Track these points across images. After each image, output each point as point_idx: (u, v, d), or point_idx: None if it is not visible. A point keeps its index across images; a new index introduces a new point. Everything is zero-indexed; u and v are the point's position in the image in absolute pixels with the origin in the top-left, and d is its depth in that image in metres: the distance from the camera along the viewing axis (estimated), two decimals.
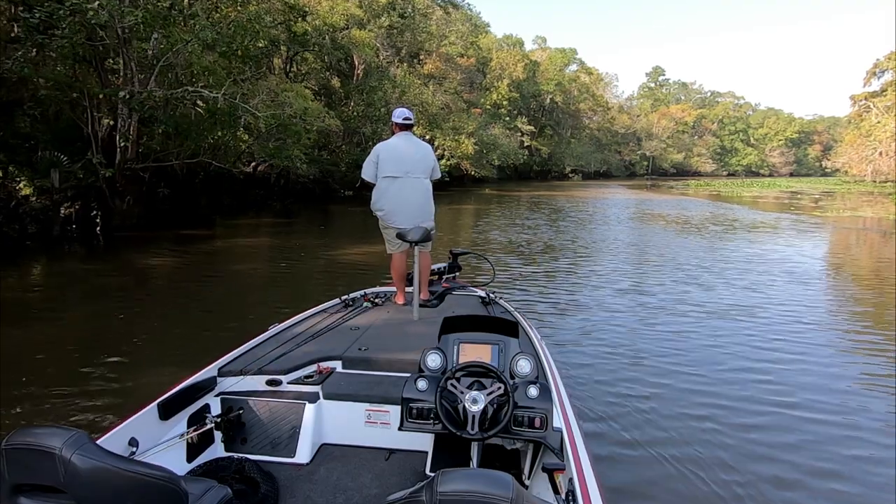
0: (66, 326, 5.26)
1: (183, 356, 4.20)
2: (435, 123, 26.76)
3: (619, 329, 5.33)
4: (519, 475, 2.09)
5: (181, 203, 13.38)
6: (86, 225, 11.19)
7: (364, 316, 3.29)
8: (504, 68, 45.66)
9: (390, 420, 2.30)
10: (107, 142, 10.99)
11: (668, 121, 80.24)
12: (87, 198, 11.27)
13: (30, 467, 1.13)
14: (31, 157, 10.65)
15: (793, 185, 48.69)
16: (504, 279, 7.36)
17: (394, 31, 29.16)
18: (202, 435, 2.17)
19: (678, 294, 6.84)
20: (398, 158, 3.57)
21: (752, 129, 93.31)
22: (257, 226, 14.41)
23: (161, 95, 9.46)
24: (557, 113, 55.91)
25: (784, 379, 4.12)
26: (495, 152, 35.85)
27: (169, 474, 1.26)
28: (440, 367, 2.09)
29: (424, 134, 26.98)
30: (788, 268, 8.70)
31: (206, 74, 10.04)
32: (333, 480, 2.14)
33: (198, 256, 9.37)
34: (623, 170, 72.23)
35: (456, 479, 0.97)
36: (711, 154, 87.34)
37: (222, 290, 6.92)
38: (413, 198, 3.59)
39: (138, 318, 5.51)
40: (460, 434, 1.77)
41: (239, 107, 10.18)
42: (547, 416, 1.86)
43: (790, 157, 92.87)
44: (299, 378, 2.44)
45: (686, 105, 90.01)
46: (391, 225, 3.63)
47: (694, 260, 9.33)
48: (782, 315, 5.90)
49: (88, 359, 4.20)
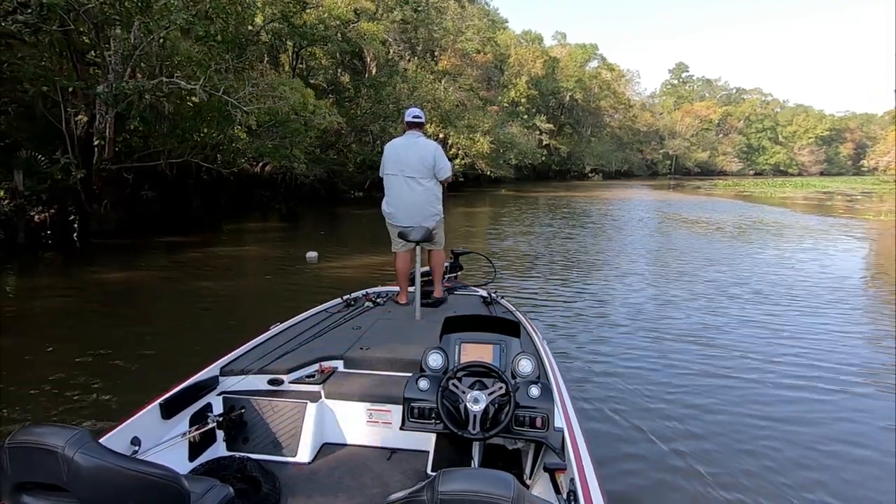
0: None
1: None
2: (448, 121, 25.51)
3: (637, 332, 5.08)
4: (520, 475, 2.09)
5: (170, 206, 12.40)
6: (62, 231, 10.27)
7: (365, 315, 3.26)
8: (522, 65, 44.33)
9: (392, 420, 2.30)
10: (84, 140, 10.05)
11: (693, 118, 77.79)
12: (63, 201, 10.36)
13: (32, 466, 1.13)
14: (10, 158, 9.77)
15: (827, 184, 46.27)
16: (521, 299, 6.11)
17: (408, 27, 28.11)
18: (204, 434, 2.17)
19: (702, 305, 6.23)
20: (396, 157, 3.61)
21: (780, 127, 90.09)
22: (253, 231, 13.29)
23: (132, 87, 8.38)
24: (577, 111, 54.27)
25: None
26: (512, 151, 34.42)
27: (171, 473, 1.26)
28: (442, 366, 2.08)
29: (437, 132, 25.78)
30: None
31: (188, 64, 8.95)
32: (335, 480, 2.13)
33: (164, 270, 8.25)
34: (645, 169, 70.13)
35: (457, 479, 0.97)
36: (737, 153, 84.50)
37: (169, 320, 5.76)
38: (409, 197, 3.59)
39: (64, 349, 4.41)
40: (461, 434, 1.77)
41: (223, 100, 9.08)
42: (548, 415, 1.86)
43: (820, 156, 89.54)
44: (301, 377, 2.44)
45: (711, 102, 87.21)
46: (391, 223, 3.69)
47: (724, 268, 7.97)
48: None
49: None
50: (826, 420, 3.47)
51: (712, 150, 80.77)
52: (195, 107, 9.78)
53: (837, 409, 3.62)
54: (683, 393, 3.81)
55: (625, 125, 64.20)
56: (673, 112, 79.47)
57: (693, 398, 3.72)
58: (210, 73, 8.79)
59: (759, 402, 3.67)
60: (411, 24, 28.77)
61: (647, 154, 70.95)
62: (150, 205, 11.68)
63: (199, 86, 8.50)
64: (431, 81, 25.88)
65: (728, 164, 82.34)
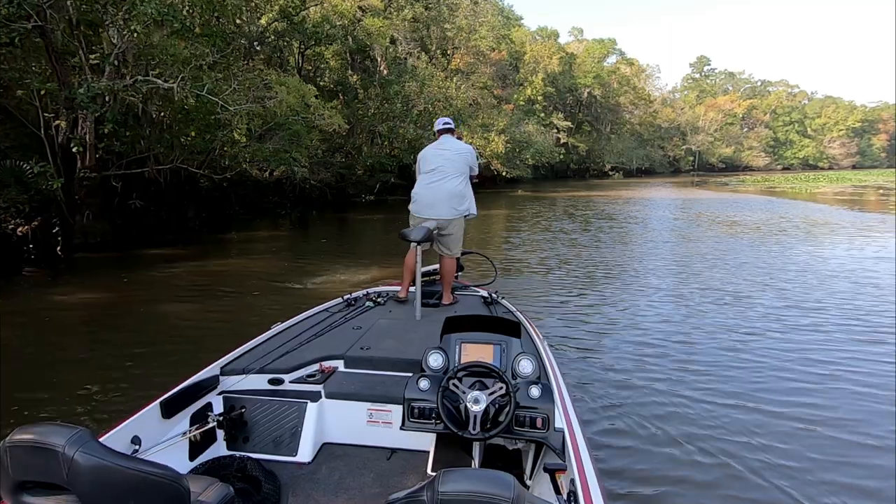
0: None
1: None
2: (461, 119, 24.57)
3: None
4: (521, 475, 2.09)
5: (165, 216, 11.72)
6: (46, 245, 9.63)
7: (366, 315, 3.25)
8: (538, 62, 43.18)
9: (392, 419, 2.29)
10: (65, 147, 9.38)
11: (716, 113, 75.24)
12: (48, 213, 9.73)
13: (33, 465, 1.13)
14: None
15: (863, 178, 43.85)
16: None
17: (419, 25, 27.27)
18: (204, 433, 2.16)
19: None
20: (425, 158, 3.80)
21: (808, 120, 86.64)
22: (252, 240, 12.43)
23: (103, 87, 7.63)
24: (596, 107, 52.73)
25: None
26: (529, 150, 33.25)
27: (171, 472, 1.26)
28: (442, 366, 2.08)
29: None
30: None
31: (167, 61, 8.15)
32: (335, 479, 2.13)
33: (143, 288, 7.48)
34: (667, 166, 67.99)
35: (457, 479, 0.97)
36: (764, 147, 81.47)
37: (111, 353, 4.94)
38: (436, 191, 3.69)
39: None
40: (462, 434, 1.78)
41: (208, 100, 8.28)
42: (549, 416, 1.86)
43: (852, 149, 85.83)
44: (301, 377, 2.43)
45: (734, 95, 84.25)
46: (416, 215, 3.73)
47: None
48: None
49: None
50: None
51: (737, 144, 78.05)
52: (178, 108, 9.02)
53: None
54: (688, 394, 3.73)
55: (645, 121, 62.33)
56: (695, 106, 76.93)
57: (697, 400, 3.64)
58: (190, 71, 7.99)
59: (763, 403, 3.58)
60: (423, 22, 27.98)
61: (669, 150, 68.81)
62: (142, 215, 10.98)
63: (178, 84, 7.70)
64: (442, 79, 24.96)
65: (754, 159, 79.45)
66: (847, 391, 3.80)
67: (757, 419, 3.39)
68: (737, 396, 3.70)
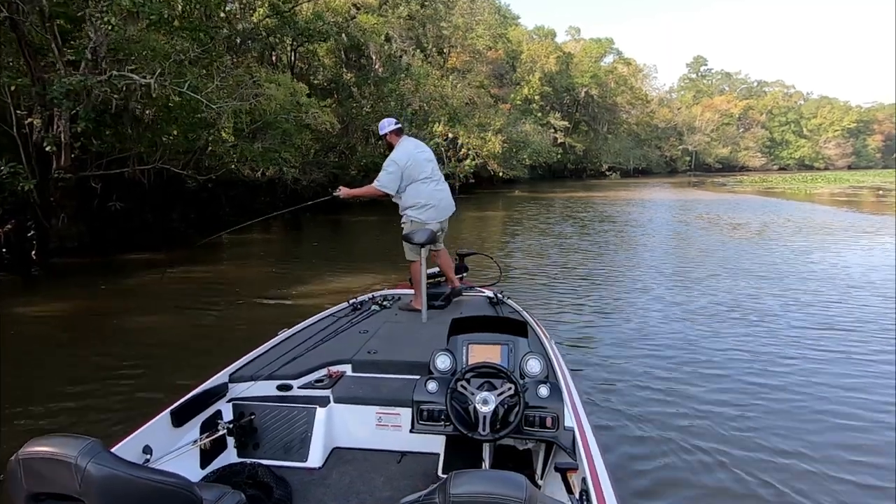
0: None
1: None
2: (457, 119, 24.11)
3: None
4: (532, 475, 2.08)
5: (148, 219, 11.22)
6: (20, 249, 9.14)
7: (372, 319, 3.24)
8: (535, 61, 42.84)
9: (401, 423, 2.30)
10: (40, 146, 8.88)
11: (713, 113, 75.07)
12: (22, 216, 9.22)
13: (46, 476, 1.13)
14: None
15: (859, 178, 43.70)
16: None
17: (414, 23, 26.81)
18: (215, 441, 2.16)
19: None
20: (416, 164, 3.60)
21: (804, 120, 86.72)
22: (239, 244, 11.87)
23: (76, 83, 7.14)
24: (593, 107, 52.44)
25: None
26: (526, 150, 32.80)
27: (183, 481, 1.26)
28: (450, 368, 2.07)
29: (446, 131, 24.39)
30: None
31: (149, 59, 7.66)
32: (346, 484, 2.14)
33: (114, 297, 6.99)
34: (664, 166, 67.78)
35: (469, 481, 0.96)
36: (760, 147, 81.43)
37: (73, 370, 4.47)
38: (442, 195, 3.69)
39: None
40: (471, 435, 1.77)
41: (190, 97, 7.80)
42: (558, 415, 1.84)
43: (848, 149, 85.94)
44: (310, 382, 2.44)
45: (731, 95, 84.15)
46: (428, 227, 3.59)
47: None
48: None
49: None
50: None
51: (734, 145, 77.97)
52: (160, 105, 8.54)
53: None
54: (698, 393, 3.71)
55: (642, 121, 62.09)
56: (692, 107, 76.82)
57: (708, 399, 3.63)
58: (170, 66, 7.50)
59: (772, 402, 3.56)
60: (418, 20, 27.53)
61: (666, 151, 68.58)
62: (124, 217, 10.47)
63: (155, 79, 7.22)
64: (438, 78, 24.51)
65: (750, 159, 79.40)
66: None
67: (770, 420, 3.30)
68: (746, 402, 3.60)
